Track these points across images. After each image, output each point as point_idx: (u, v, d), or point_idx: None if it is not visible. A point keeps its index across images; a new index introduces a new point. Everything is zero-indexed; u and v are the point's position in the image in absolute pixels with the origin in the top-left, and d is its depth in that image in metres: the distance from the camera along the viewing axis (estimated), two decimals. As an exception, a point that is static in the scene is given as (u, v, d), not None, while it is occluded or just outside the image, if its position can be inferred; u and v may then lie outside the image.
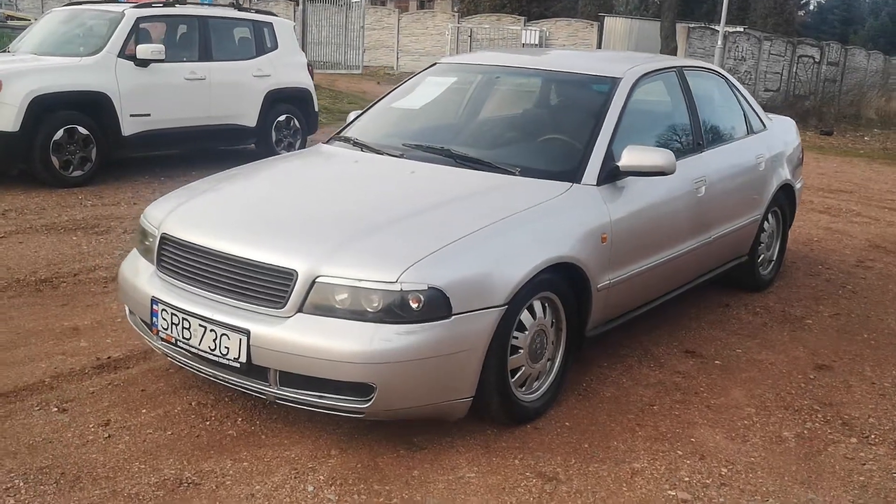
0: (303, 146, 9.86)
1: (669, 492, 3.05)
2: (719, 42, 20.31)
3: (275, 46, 9.93)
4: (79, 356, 4.00)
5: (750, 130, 5.33)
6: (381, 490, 2.97)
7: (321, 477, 3.04)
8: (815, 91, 26.54)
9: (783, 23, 41.02)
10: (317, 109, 10.63)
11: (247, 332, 3.07)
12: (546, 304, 3.52)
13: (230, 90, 9.24)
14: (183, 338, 3.27)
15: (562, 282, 3.51)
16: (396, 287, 2.99)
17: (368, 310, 3.02)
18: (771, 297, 5.52)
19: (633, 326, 4.33)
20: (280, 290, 3.10)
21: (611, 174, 3.85)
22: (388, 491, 2.96)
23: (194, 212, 3.63)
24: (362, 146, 4.31)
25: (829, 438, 3.56)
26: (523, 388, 3.48)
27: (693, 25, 22.33)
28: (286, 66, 9.94)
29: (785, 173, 5.57)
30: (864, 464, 3.35)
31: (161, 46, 8.24)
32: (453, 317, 3.05)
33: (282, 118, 9.85)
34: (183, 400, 3.60)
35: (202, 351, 3.22)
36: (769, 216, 5.46)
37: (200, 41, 8.92)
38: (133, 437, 3.28)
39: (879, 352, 4.65)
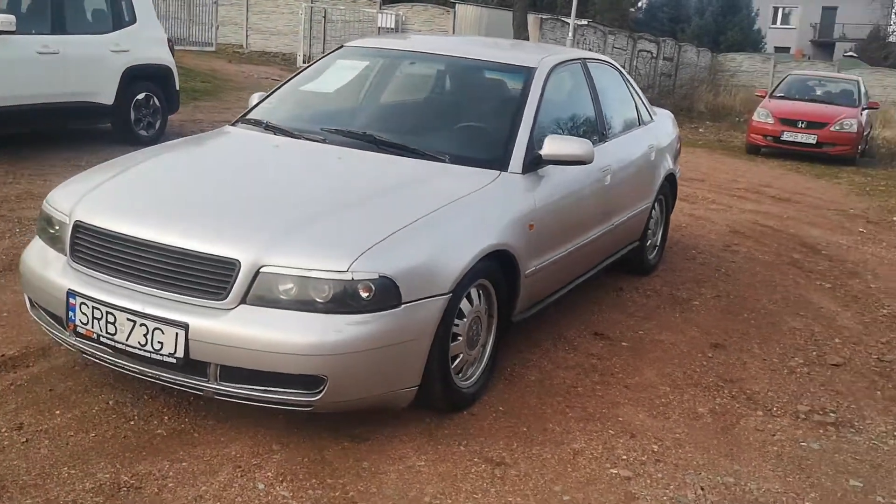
0: (163, 126, 9.43)
1: (612, 470, 3.16)
2: (570, 34, 21.00)
3: (133, 20, 9.37)
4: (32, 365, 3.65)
5: (641, 122, 5.56)
6: (334, 484, 2.91)
7: (269, 474, 2.94)
8: (653, 84, 28.00)
9: (619, 17, 42.88)
10: (177, 88, 10.15)
11: (185, 326, 2.92)
12: (480, 292, 3.54)
13: (86, 66, 8.64)
14: (107, 333, 3.07)
15: (496, 269, 3.54)
16: (347, 276, 2.93)
17: (317, 300, 2.94)
18: (657, 280, 5.80)
19: (544, 311, 4.43)
20: (220, 281, 2.97)
21: (533, 162, 3.92)
22: (341, 484, 2.91)
23: (112, 197, 3.41)
24: (276, 129, 4.17)
25: (739, 413, 3.79)
26: (460, 375, 3.49)
27: (545, 17, 22.94)
28: (145, 42, 9.42)
29: (669, 163, 5.85)
30: (774, 434, 3.59)
31: (12, 17, 7.60)
32: (403, 305, 3.02)
33: (141, 96, 9.31)
34: (98, 399, 3.38)
35: (130, 347, 3.03)
36: (656, 204, 5.71)
37: (53, 12, 8.29)
38: (53, 441, 3.05)
39: (762, 330, 4.98)
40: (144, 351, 3.01)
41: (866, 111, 15.64)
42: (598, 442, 3.37)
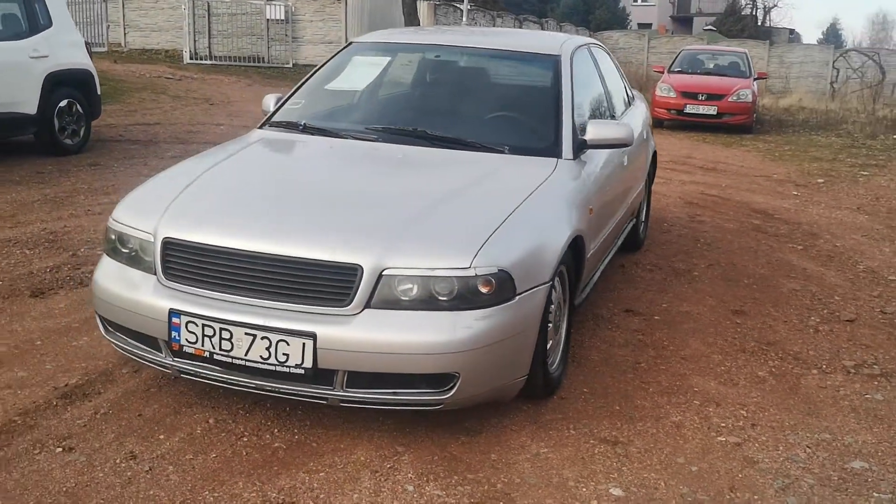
0: (87, 133, 9.04)
1: (719, 438, 3.32)
2: (464, 18, 21.18)
3: (49, 23, 8.91)
4: (29, 388, 3.48)
5: (630, 102, 5.75)
6: (476, 478, 2.94)
7: (409, 475, 2.95)
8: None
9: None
10: (99, 92, 9.72)
11: (312, 336, 2.87)
12: (558, 278, 3.62)
13: (6, 74, 8.20)
14: (221, 350, 2.98)
15: (570, 255, 3.64)
16: (471, 272, 2.96)
17: (440, 298, 2.95)
18: (650, 254, 6.03)
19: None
20: (343, 288, 2.94)
21: (580, 148, 4.02)
22: (484, 478, 2.94)
23: (202, 211, 3.29)
24: (318, 130, 4.12)
25: (795, 373, 4.02)
26: (549, 361, 3.57)
27: (437, 2, 23.02)
28: (64, 46, 8.98)
29: (652, 140, 6.07)
30: (838, 391, 3.84)
31: (-73, 24, 7.10)
32: (516, 297, 3.07)
33: (63, 103, 8.88)
34: (196, 419, 3.28)
35: (250, 362, 2.96)
36: (645, 180, 5.93)
37: (-35, 18, 7.80)
38: (177, 467, 2.95)
39: (768, 294, 5.27)
40: (268, 365, 2.94)
41: (756, 81, 16.51)
42: (691, 413, 3.52)
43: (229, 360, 2.98)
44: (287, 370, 2.93)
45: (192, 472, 2.91)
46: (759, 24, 58.34)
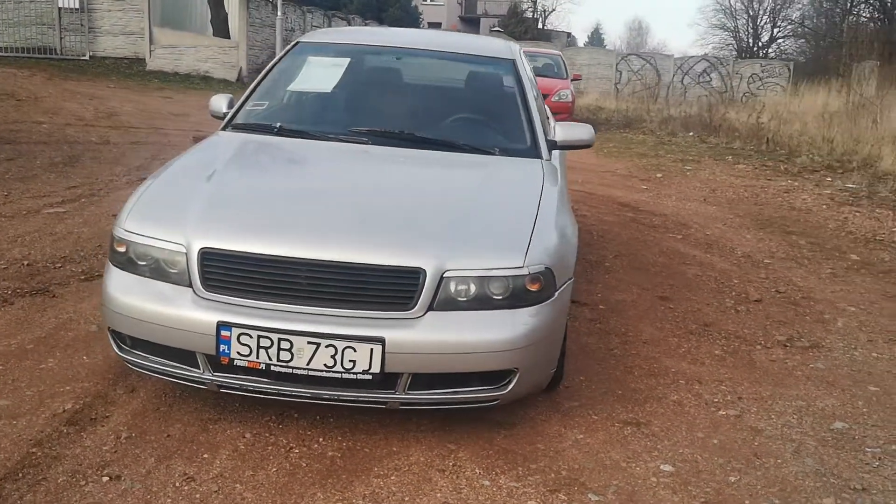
0: None
1: (720, 412, 3.66)
2: (280, 12, 20.80)
3: None
4: (23, 417, 3.20)
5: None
6: (540, 467, 3.08)
7: (476, 471, 3.03)
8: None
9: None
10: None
11: (381, 341, 2.89)
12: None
13: None
14: (279, 361, 2.93)
15: None
16: (524, 271, 3.09)
17: (495, 297, 3.06)
18: (558, 248, 6.35)
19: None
20: (407, 292, 2.97)
21: (551, 148, 4.24)
22: (547, 467, 3.08)
23: (241, 219, 3.18)
24: (296, 133, 4.05)
25: (743, 349, 4.47)
26: (560, 352, 3.76)
27: (249, -5, 22.44)
28: None
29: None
30: (786, 362, 4.32)
31: None
32: (556, 293, 3.25)
33: None
34: (232, 435, 3.18)
35: (313, 370, 2.93)
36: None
37: None
38: (246, 485, 2.86)
39: (677, 280, 5.76)
40: (332, 372, 2.92)
41: (573, 82, 17.56)
42: (683, 392, 3.84)
43: (289, 370, 2.92)
44: (354, 377, 2.92)
45: (264, 488, 2.83)
46: (541, 27, 61.60)
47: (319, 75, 4.40)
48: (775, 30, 54.44)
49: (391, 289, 2.96)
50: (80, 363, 3.71)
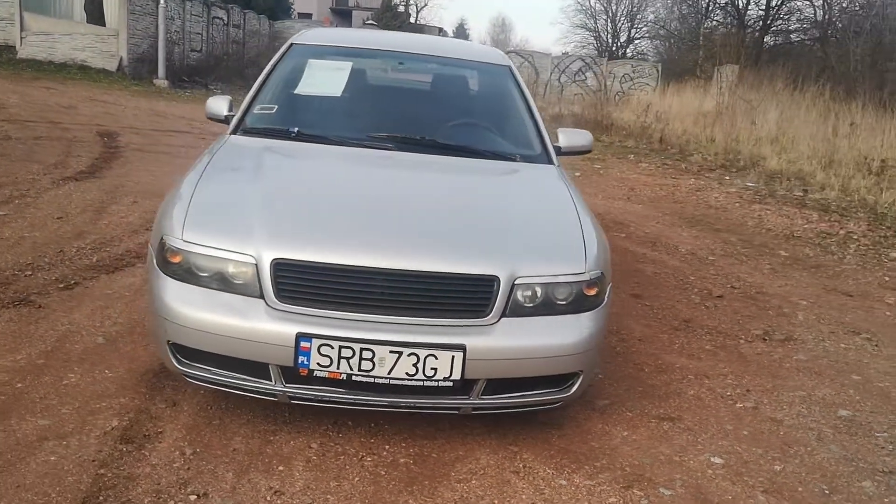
0: None
1: (738, 405, 3.90)
2: (162, 2, 20.03)
3: None
4: (71, 437, 3.06)
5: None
6: (602, 465, 3.21)
7: (549, 471, 3.13)
8: (228, 53, 27.92)
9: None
10: None
11: (462, 348, 2.95)
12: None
13: None
14: (361, 370, 2.94)
15: None
16: (585, 277, 3.22)
17: (559, 302, 3.18)
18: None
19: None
20: (483, 299, 3.04)
21: (557, 154, 4.39)
22: (609, 464, 3.22)
23: (310, 229, 3.15)
24: (315, 138, 4.03)
25: (730, 343, 4.76)
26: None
27: (133, -15, 21.47)
28: None
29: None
30: (773, 355, 4.63)
31: None
32: (606, 297, 3.40)
33: None
34: (297, 446, 3.16)
35: (395, 379, 2.95)
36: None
37: None
38: (336, 496, 2.85)
39: (638, 277, 6.04)
40: (414, 381, 2.95)
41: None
42: (697, 387, 4.07)
43: (370, 379, 2.93)
44: (435, 384, 2.96)
45: (354, 498, 2.84)
46: (414, 21, 61.86)
47: (324, 79, 4.36)
48: (633, 31, 56.74)
49: (468, 297, 3.02)
50: (105, 377, 3.57)
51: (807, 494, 3.10)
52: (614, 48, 56.09)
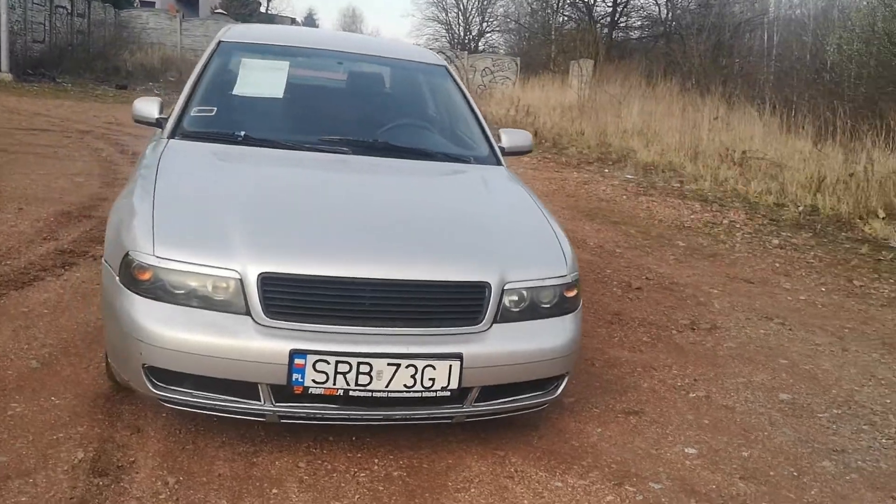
0: None
1: (691, 394, 4.05)
2: (7, -10, 18.69)
3: None
4: (36, 473, 2.82)
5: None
6: (589, 464, 3.25)
7: (542, 474, 3.14)
8: (72, 44, 26.42)
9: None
10: None
11: (459, 356, 2.92)
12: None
13: None
14: (358, 385, 2.86)
15: None
16: (567, 279, 3.27)
17: (543, 306, 3.21)
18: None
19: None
20: (475, 306, 3.03)
21: (502, 155, 4.42)
22: (594, 463, 3.26)
23: (294, 241, 3.02)
24: (264, 142, 3.88)
25: (664, 335, 4.93)
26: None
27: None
28: None
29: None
30: (705, 343, 4.84)
31: None
32: (580, 299, 3.45)
33: None
34: (283, 466, 3.03)
35: (392, 392, 2.89)
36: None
37: None
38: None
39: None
40: (412, 392, 2.90)
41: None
42: (647, 379, 4.19)
43: (367, 394, 2.86)
44: (433, 394, 2.92)
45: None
46: (265, 10, 60.48)
47: (261, 79, 4.18)
48: (484, 24, 57.69)
49: (461, 304, 2.99)
50: (53, 405, 3.31)
51: (779, 478, 3.25)
52: (466, 41, 56.90)
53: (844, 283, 6.59)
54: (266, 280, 2.81)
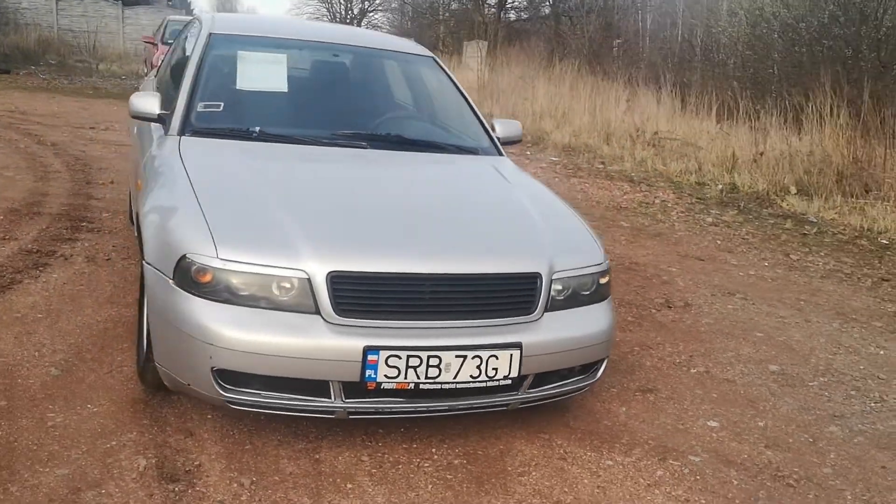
0: None
1: (691, 370, 4.28)
2: None
3: None
4: (106, 485, 2.79)
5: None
6: (630, 441, 3.43)
7: (590, 453, 3.29)
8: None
9: None
10: None
11: (519, 346, 3.05)
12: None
13: None
14: (428, 378, 2.95)
15: None
16: (604, 266, 3.43)
17: (582, 293, 3.36)
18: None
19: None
20: (529, 296, 3.15)
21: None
22: (633, 441, 3.44)
23: (357, 239, 3.05)
24: (280, 138, 3.87)
25: (655, 313, 5.17)
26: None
27: None
28: None
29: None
30: (685, 321, 5.10)
31: None
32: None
33: None
34: (352, 461, 3.07)
35: (460, 383, 2.98)
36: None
37: None
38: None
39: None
40: (477, 382, 3.00)
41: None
42: (646, 358, 4.40)
43: (437, 386, 2.94)
44: (496, 384, 3.03)
45: (445, 505, 2.84)
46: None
47: (262, 72, 4.14)
48: (365, 3, 57.05)
49: (516, 295, 3.10)
50: (92, 413, 3.24)
51: (799, 445, 3.52)
52: (348, 20, 56.24)
53: (782, 257, 7.01)
54: (335, 279, 2.84)
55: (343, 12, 58.69)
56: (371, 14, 57.10)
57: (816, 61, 15.03)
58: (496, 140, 4.32)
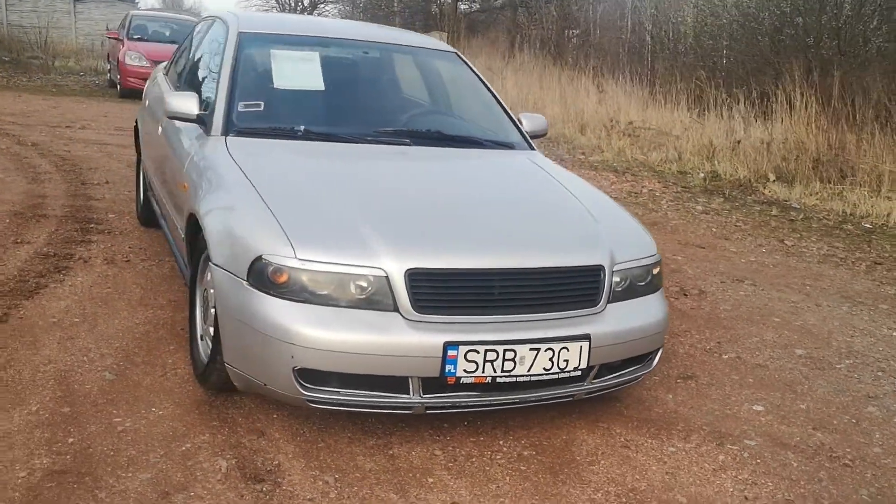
0: None
1: (724, 356, 4.40)
2: None
3: None
4: (197, 485, 2.81)
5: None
6: (686, 428, 3.51)
7: (650, 441, 3.39)
8: None
9: None
10: None
11: (588, 337, 3.12)
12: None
13: None
14: (504, 371, 3.00)
15: None
16: (657, 258, 3.52)
17: (638, 284, 3.44)
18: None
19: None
20: (594, 288, 3.22)
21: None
22: (688, 427, 3.53)
23: (429, 236, 3.09)
24: (325, 136, 3.89)
25: (674, 301, 5.16)
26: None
27: None
28: None
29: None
30: (721, 305, 5.23)
31: None
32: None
33: None
34: (426, 456, 3.11)
35: (534, 375, 3.04)
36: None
37: None
38: (516, 499, 2.93)
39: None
40: (550, 374, 3.06)
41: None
42: (678, 346, 4.50)
43: (512, 379, 3.00)
44: (567, 375, 3.09)
45: (527, 497, 2.89)
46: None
47: (297, 71, 4.14)
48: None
49: (582, 287, 3.17)
50: (159, 417, 3.23)
51: (844, 425, 3.64)
52: (298, 11, 55.67)
53: (777, 243, 7.19)
54: (414, 276, 2.87)
55: (292, 3, 58.08)
56: (322, 6, 56.60)
57: (778, 50, 15.36)
58: (525, 135, 4.37)
